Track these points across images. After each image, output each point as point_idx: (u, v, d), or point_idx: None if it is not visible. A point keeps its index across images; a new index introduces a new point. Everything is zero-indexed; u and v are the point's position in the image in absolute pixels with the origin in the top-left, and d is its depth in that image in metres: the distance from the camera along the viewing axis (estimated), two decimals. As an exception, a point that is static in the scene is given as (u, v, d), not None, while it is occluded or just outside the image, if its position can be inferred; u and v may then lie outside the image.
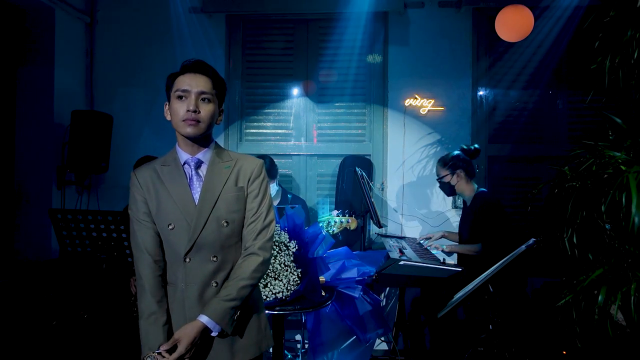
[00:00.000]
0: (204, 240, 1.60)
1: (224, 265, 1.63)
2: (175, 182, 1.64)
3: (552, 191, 2.32)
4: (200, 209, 1.60)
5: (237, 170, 1.68)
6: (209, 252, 1.60)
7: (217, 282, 1.61)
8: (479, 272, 2.53)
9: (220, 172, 1.66)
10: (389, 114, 4.12)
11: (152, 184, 1.64)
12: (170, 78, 1.67)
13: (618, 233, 2.06)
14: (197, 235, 1.59)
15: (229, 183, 1.65)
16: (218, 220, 1.61)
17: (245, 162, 1.71)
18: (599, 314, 2.01)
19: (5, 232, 3.72)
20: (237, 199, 1.65)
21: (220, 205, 1.61)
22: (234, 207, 1.64)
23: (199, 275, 1.60)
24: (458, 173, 3.15)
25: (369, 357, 2.82)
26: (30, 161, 3.77)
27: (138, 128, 4.21)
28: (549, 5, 3.81)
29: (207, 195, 1.62)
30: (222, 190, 1.63)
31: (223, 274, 1.62)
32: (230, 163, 1.68)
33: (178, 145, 1.68)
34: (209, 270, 1.60)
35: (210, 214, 1.60)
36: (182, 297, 1.60)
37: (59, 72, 3.84)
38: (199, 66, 1.63)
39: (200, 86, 1.60)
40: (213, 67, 1.68)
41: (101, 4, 4.26)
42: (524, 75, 4.05)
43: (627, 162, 2.05)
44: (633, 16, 2.13)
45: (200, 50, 4.15)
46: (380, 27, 4.14)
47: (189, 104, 1.59)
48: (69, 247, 2.72)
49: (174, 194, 1.62)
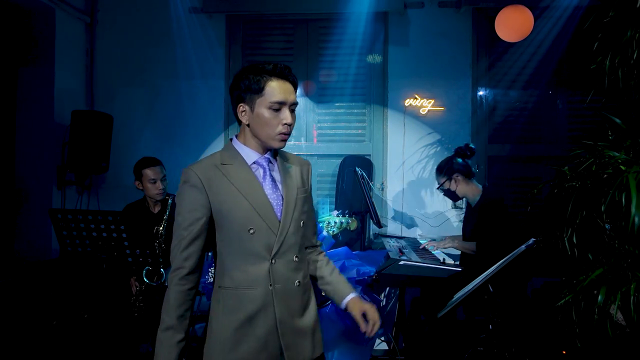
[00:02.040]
0: (289, 242, 1.60)
1: (302, 265, 1.67)
2: (246, 182, 1.57)
3: (552, 191, 2.32)
4: (286, 211, 1.60)
5: (299, 170, 1.71)
6: (292, 252, 1.61)
7: (300, 280, 1.63)
8: (479, 272, 2.53)
9: (289, 172, 1.67)
10: (389, 114, 4.12)
11: (215, 182, 1.54)
12: (255, 78, 1.54)
13: (618, 233, 2.06)
14: (284, 237, 1.58)
15: (299, 184, 1.68)
16: (298, 221, 1.63)
17: (300, 162, 1.75)
18: (598, 314, 2.01)
19: (5, 232, 3.72)
20: (306, 199, 1.70)
21: (298, 206, 1.64)
22: (306, 207, 1.69)
23: (285, 276, 1.59)
24: (455, 177, 3.11)
25: (369, 357, 2.82)
26: (31, 161, 3.77)
27: (138, 128, 4.21)
28: (549, 5, 3.81)
29: (289, 197, 1.62)
30: (297, 190, 1.65)
31: (303, 272, 1.66)
32: (291, 163, 1.71)
33: (244, 144, 1.62)
34: (292, 270, 1.61)
35: (293, 215, 1.61)
36: (269, 298, 1.56)
37: (59, 72, 3.84)
38: (289, 73, 1.58)
39: (293, 97, 1.57)
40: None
41: (101, 4, 4.26)
42: (524, 75, 4.05)
43: (626, 162, 2.05)
44: (633, 16, 2.13)
45: (200, 50, 4.15)
46: (380, 27, 4.14)
47: (284, 117, 1.55)
48: (69, 247, 2.72)
49: (249, 196, 1.55)
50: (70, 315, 3.10)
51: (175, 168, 3.78)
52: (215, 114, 4.22)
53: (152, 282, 2.91)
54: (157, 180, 3.15)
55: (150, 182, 3.16)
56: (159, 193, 3.18)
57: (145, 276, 2.88)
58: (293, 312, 1.60)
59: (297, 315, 1.62)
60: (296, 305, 1.62)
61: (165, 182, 3.21)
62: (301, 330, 1.62)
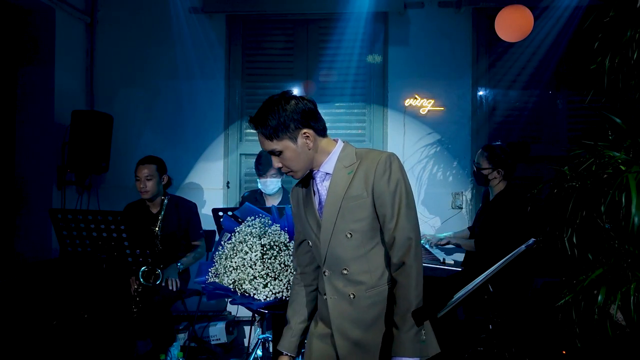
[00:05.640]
0: (333, 254, 1.59)
1: (358, 277, 1.58)
2: (307, 198, 1.68)
3: (552, 191, 2.32)
4: (324, 224, 1.59)
5: (360, 173, 1.57)
6: (339, 265, 1.59)
7: (354, 293, 1.58)
8: (480, 272, 2.53)
9: (341, 180, 1.58)
10: (389, 114, 4.12)
11: (297, 200, 1.72)
12: (313, 110, 1.63)
13: (618, 233, 2.06)
14: (326, 250, 1.60)
15: (349, 191, 1.56)
16: (342, 233, 1.57)
17: (367, 162, 1.57)
18: (598, 314, 2.01)
19: (5, 232, 3.71)
20: (359, 207, 1.55)
21: (341, 217, 1.56)
22: (357, 216, 1.56)
23: (336, 288, 1.61)
24: (499, 171, 3.08)
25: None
26: (31, 161, 3.77)
27: (138, 128, 4.21)
28: (549, 5, 3.81)
29: (329, 209, 1.59)
30: (342, 200, 1.56)
31: (360, 285, 1.58)
32: (353, 167, 1.59)
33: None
34: (342, 283, 1.60)
35: (333, 228, 1.58)
36: (326, 306, 1.63)
37: (59, 72, 3.83)
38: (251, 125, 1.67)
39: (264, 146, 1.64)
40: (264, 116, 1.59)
41: (101, 4, 4.26)
42: (524, 75, 4.05)
43: (626, 162, 2.05)
44: (633, 16, 2.13)
45: (200, 50, 4.15)
46: (380, 27, 4.14)
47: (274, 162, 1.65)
48: (69, 247, 2.72)
49: (307, 211, 1.67)
50: (70, 315, 3.09)
51: (175, 168, 3.80)
52: (215, 114, 4.21)
53: (148, 283, 2.91)
54: (141, 178, 3.16)
55: (136, 180, 3.18)
56: (142, 192, 3.19)
57: (142, 277, 2.88)
58: (352, 324, 1.59)
59: (357, 327, 1.59)
60: (356, 317, 1.58)
61: (153, 182, 3.18)
62: (360, 344, 1.59)
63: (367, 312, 1.58)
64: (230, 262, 2.12)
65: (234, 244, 2.16)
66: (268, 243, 2.11)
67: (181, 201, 3.39)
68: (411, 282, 1.51)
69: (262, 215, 2.27)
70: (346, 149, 1.64)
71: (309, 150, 1.59)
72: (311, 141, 1.59)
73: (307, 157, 1.60)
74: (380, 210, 1.55)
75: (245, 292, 2.08)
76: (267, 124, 1.56)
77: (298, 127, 1.57)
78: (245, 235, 2.15)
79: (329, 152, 1.63)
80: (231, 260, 2.12)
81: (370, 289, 1.58)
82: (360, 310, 1.58)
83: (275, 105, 1.57)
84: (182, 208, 3.34)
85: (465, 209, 4.05)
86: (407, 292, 1.51)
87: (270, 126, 1.55)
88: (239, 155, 4.27)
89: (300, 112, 1.58)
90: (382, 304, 1.59)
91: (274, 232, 2.16)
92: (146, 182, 3.16)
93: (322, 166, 1.63)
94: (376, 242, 1.59)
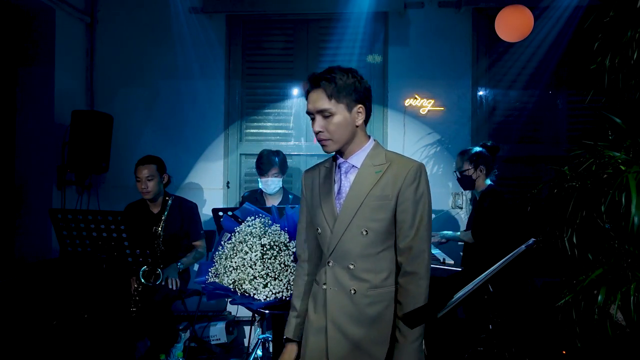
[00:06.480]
0: (343, 247, 1.59)
1: (362, 274, 1.59)
2: (325, 185, 1.67)
3: (551, 191, 2.32)
4: (341, 216, 1.59)
5: (388, 175, 1.58)
6: (347, 259, 1.60)
7: (356, 289, 1.59)
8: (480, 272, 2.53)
9: (368, 177, 1.59)
10: (389, 114, 4.12)
11: (311, 185, 1.72)
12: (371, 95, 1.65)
13: (618, 233, 2.06)
14: (337, 241, 1.60)
15: (375, 190, 1.57)
16: (358, 229, 1.57)
17: (398, 166, 1.59)
18: (598, 314, 2.01)
19: (5, 232, 3.71)
20: (381, 208, 1.56)
21: (361, 213, 1.57)
22: (376, 216, 1.57)
23: (338, 280, 1.61)
24: (480, 169, 3.16)
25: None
26: (31, 161, 3.77)
27: (138, 128, 4.21)
28: (549, 5, 3.81)
29: (350, 202, 1.59)
30: (365, 197, 1.57)
31: (363, 283, 1.59)
32: (382, 167, 1.59)
33: None
34: (346, 277, 1.60)
35: (350, 222, 1.58)
36: (323, 297, 1.63)
37: (59, 72, 3.84)
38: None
39: (312, 105, 1.60)
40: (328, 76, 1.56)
41: (101, 4, 4.26)
42: (524, 75, 4.05)
43: (626, 162, 2.05)
44: (633, 16, 2.12)
45: (200, 50, 4.15)
46: (380, 27, 4.14)
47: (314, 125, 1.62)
48: (69, 247, 2.72)
49: (322, 198, 1.65)
50: (70, 315, 3.09)
51: (175, 168, 3.80)
52: (215, 114, 4.22)
53: (148, 283, 2.91)
54: (142, 179, 3.16)
55: (137, 181, 3.18)
56: (144, 192, 3.18)
57: (142, 276, 2.88)
58: (349, 319, 1.59)
59: (352, 323, 1.59)
60: (353, 313, 1.59)
61: (154, 181, 3.18)
62: (353, 340, 1.59)
63: (365, 310, 1.59)
64: (230, 262, 2.12)
65: (234, 244, 2.16)
66: (268, 243, 2.11)
67: (183, 202, 3.40)
68: (421, 292, 1.54)
69: (262, 215, 2.27)
70: (377, 147, 1.66)
71: (355, 128, 1.61)
72: (361, 119, 1.61)
73: (350, 132, 1.60)
74: (401, 216, 1.57)
75: (245, 292, 2.08)
76: (334, 81, 1.55)
77: (358, 100, 1.59)
78: (245, 235, 2.15)
79: (362, 145, 1.64)
80: (231, 260, 2.12)
81: (373, 289, 1.59)
82: (359, 306, 1.59)
83: (350, 70, 1.59)
84: (184, 208, 3.34)
85: (465, 209, 4.06)
86: (417, 302, 1.53)
87: (337, 84, 1.55)
88: (239, 155, 4.27)
89: (367, 89, 1.62)
90: (382, 305, 1.59)
91: (274, 232, 2.16)
92: (147, 182, 3.15)
93: (351, 158, 1.64)
94: (388, 245, 1.60)
